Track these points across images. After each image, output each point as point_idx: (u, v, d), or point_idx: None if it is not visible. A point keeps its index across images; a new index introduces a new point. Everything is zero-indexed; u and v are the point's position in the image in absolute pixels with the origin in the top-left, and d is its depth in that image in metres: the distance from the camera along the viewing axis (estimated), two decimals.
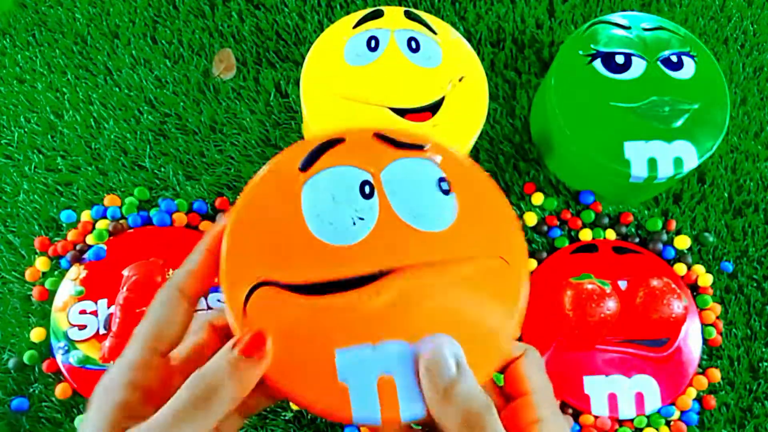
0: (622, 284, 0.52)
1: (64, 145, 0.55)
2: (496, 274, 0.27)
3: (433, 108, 0.47)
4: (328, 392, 0.25)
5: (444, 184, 0.28)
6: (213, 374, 0.23)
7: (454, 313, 0.26)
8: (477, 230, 0.27)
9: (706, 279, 0.54)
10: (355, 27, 0.49)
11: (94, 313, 0.49)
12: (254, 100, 0.57)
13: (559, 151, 0.54)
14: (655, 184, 0.52)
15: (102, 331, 0.48)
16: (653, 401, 0.50)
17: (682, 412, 0.50)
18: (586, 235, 0.55)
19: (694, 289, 0.54)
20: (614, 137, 0.51)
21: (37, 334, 0.49)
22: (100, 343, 0.48)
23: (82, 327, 0.48)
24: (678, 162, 0.50)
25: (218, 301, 0.49)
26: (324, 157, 0.28)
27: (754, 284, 0.55)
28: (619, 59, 0.53)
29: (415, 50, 0.48)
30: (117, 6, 0.59)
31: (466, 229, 0.27)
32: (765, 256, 0.56)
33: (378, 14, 0.49)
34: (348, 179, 0.27)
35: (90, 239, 0.51)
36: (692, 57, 0.53)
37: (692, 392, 0.51)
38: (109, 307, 0.49)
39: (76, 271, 0.50)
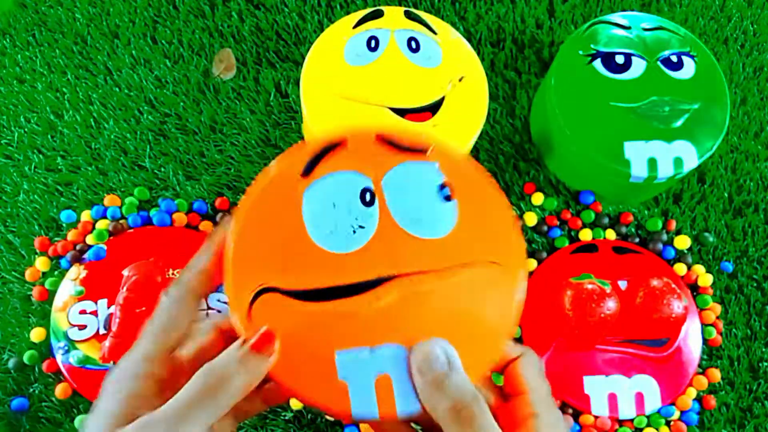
0: (622, 284, 0.52)
1: (64, 145, 0.55)
2: (493, 279, 0.27)
3: (433, 108, 0.47)
4: (329, 390, 0.26)
5: (445, 191, 0.28)
6: (224, 365, 0.25)
7: (451, 318, 0.27)
8: (476, 236, 0.28)
9: (706, 279, 0.54)
10: (355, 27, 0.49)
11: (94, 313, 0.49)
12: (254, 100, 0.57)
13: (559, 151, 0.54)
14: (655, 184, 0.52)
15: (102, 331, 0.48)
16: (653, 401, 0.50)
17: (682, 412, 0.50)
18: (586, 235, 0.55)
19: (694, 289, 0.54)
20: (614, 137, 0.51)
21: (37, 334, 0.49)
22: (100, 343, 0.48)
23: (82, 327, 0.48)
24: (678, 162, 0.50)
25: (218, 301, 0.49)
26: (325, 161, 0.28)
27: (754, 284, 0.55)
28: (619, 59, 0.53)
29: (415, 50, 0.48)
30: (117, 6, 0.59)
31: (465, 235, 0.28)
32: (765, 256, 0.56)
33: (378, 14, 0.49)
34: (349, 186, 0.28)
35: (90, 239, 0.51)
36: (692, 57, 0.53)
37: (692, 392, 0.51)
38: (109, 307, 0.49)
39: (76, 271, 0.50)
